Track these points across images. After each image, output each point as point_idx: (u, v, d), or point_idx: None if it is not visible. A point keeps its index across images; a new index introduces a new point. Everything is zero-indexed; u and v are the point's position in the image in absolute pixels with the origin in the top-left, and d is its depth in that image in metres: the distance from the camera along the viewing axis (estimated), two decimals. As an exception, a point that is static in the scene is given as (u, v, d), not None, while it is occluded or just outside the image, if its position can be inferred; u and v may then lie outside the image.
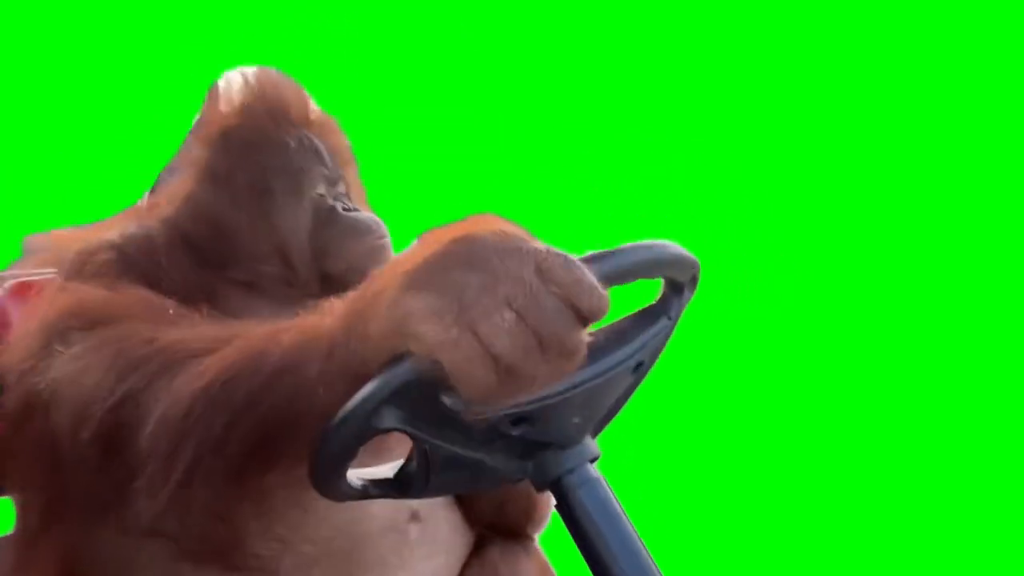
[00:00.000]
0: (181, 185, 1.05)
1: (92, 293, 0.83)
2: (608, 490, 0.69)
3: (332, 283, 0.98)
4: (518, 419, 0.62)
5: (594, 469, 0.69)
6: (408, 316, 0.52)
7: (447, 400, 0.60)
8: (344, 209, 1.04)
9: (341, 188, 1.07)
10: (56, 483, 0.86)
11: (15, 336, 0.87)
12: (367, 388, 0.57)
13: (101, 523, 0.86)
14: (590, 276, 0.53)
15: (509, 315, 0.50)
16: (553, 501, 0.94)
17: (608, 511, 0.68)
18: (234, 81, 1.05)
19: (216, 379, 0.66)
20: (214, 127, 1.04)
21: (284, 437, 0.65)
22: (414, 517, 0.95)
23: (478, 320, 0.50)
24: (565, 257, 0.52)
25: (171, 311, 0.82)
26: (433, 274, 0.52)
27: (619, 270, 0.60)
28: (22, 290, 1.16)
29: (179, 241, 1.00)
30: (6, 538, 0.97)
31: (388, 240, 1.04)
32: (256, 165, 1.02)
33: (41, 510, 0.91)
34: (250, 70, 1.05)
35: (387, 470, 0.71)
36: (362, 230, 1.02)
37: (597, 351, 0.63)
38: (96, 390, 0.72)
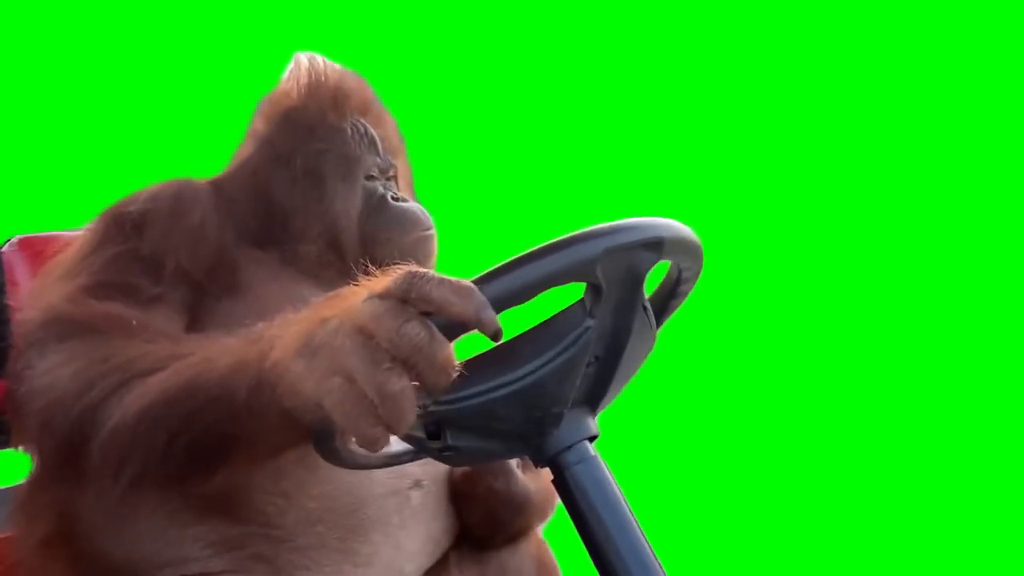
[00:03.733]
0: (239, 152, 1.09)
1: (65, 307, 0.88)
2: (605, 469, 0.70)
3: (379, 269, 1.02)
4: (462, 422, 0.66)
5: (591, 448, 0.70)
6: (294, 378, 0.59)
7: (340, 450, 0.66)
8: (394, 199, 1.06)
9: (392, 177, 1.10)
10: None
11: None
12: None
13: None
14: (430, 285, 0.56)
15: (354, 343, 0.56)
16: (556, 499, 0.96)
17: (604, 489, 0.69)
18: (302, 64, 1.09)
19: (158, 399, 0.73)
20: (278, 107, 1.08)
21: (219, 453, 0.73)
22: (416, 484, 0.96)
23: (337, 362, 0.56)
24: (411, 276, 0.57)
25: (134, 323, 0.87)
26: (301, 342, 0.59)
27: (505, 295, 0.60)
28: (28, 246, 1.16)
29: (223, 205, 1.02)
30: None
31: (434, 232, 1.06)
32: (312, 148, 1.05)
33: (37, 475, 0.93)
34: (318, 57, 1.09)
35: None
36: (410, 221, 1.04)
37: (524, 349, 0.66)
38: (59, 404, 0.78)
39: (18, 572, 0.92)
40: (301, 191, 1.04)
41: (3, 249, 1.15)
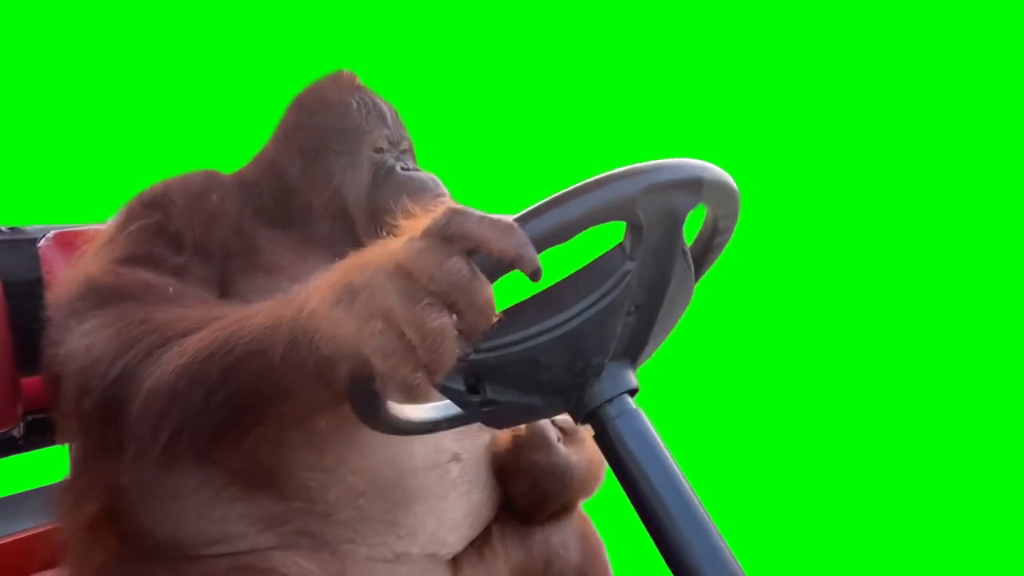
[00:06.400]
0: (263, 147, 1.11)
1: (100, 277, 0.88)
2: (647, 422, 0.69)
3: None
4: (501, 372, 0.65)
5: (631, 402, 0.69)
6: (333, 324, 0.58)
7: (381, 393, 0.63)
8: (403, 169, 1.05)
9: (405, 149, 1.10)
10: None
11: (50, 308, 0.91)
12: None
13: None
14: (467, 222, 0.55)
15: (393, 282, 0.55)
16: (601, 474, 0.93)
17: (647, 442, 0.67)
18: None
19: (195, 357, 0.72)
20: (295, 97, 1.10)
21: (256, 409, 0.72)
22: (455, 458, 0.96)
23: (377, 302, 0.55)
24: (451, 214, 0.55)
25: (170, 289, 0.88)
26: (340, 287, 0.58)
27: (545, 234, 0.59)
28: (64, 240, 1.17)
29: (243, 189, 1.04)
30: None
31: (447, 199, 1.04)
32: (316, 124, 1.06)
33: (80, 452, 0.94)
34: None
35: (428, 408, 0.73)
36: (417, 188, 1.03)
37: (564, 294, 0.64)
38: (97, 365, 0.78)
39: (64, 556, 0.92)
40: (308, 168, 1.04)
41: (40, 244, 1.16)
